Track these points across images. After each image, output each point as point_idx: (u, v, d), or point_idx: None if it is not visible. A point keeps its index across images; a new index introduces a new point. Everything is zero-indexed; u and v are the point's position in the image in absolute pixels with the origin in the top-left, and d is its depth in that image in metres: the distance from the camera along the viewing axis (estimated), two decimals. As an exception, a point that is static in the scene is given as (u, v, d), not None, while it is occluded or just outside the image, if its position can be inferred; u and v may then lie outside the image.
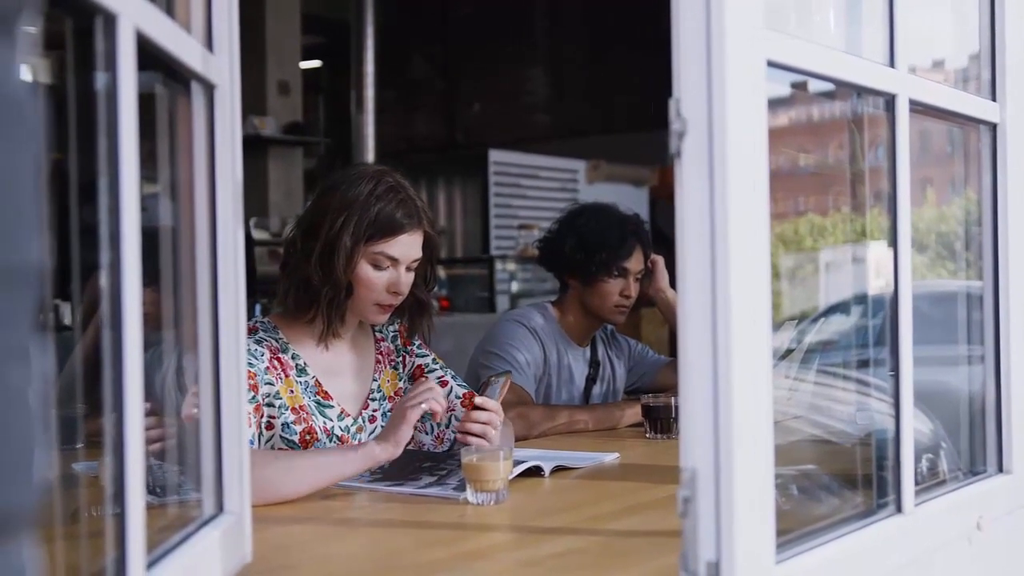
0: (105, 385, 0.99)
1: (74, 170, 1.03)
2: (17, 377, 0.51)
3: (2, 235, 0.51)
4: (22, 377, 0.52)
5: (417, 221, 2.20)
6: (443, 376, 2.37)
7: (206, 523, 1.32)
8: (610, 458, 2.32)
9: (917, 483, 1.53)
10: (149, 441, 1.13)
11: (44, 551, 0.75)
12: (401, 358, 2.38)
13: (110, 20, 0.98)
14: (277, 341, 2.18)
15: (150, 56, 1.10)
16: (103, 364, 1.01)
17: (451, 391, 2.32)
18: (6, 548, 0.51)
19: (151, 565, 1.08)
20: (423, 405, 1.98)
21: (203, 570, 1.24)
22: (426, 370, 2.38)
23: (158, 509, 1.37)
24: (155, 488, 1.37)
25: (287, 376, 2.16)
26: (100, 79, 1.00)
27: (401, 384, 2.36)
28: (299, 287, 2.18)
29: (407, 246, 2.19)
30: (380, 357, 2.35)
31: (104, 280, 0.99)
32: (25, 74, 0.55)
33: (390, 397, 2.33)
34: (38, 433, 0.53)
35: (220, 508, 1.36)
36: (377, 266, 2.17)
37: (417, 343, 2.41)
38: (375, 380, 2.32)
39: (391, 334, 2.39)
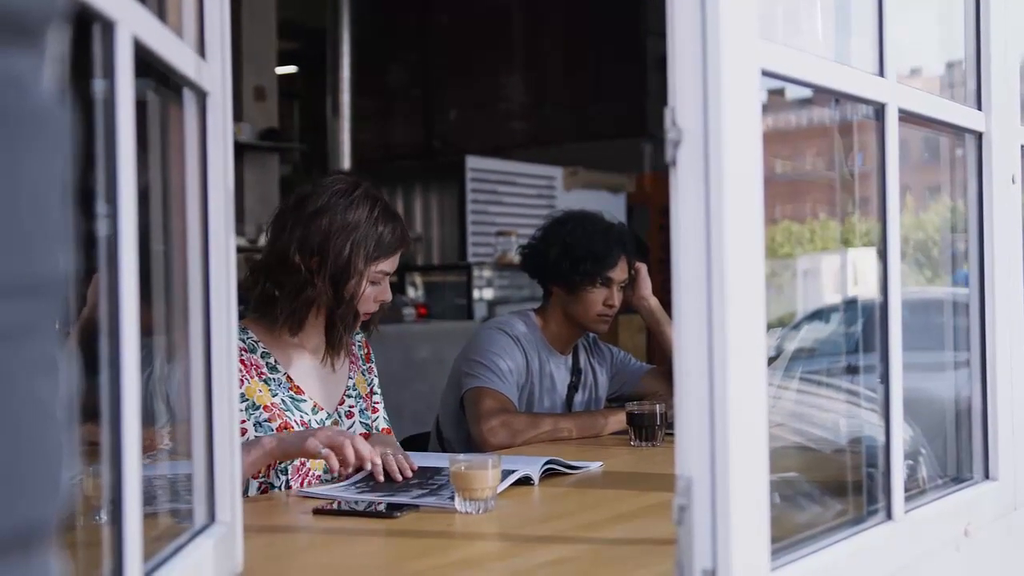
0: (102, 394, 0.98)
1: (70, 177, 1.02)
2: (44, 389, 0.51)
3: (30, 246, 0.51)
4: (49, 389, 0.52)
5: (408, 238, 2.33)
6: (378, 403, 2.47)
7: (198, 533, 1.31)
8: (595, 466, 2.32)
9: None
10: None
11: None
12: (368, 367, 2.49)
13: (108, 27, 0.97)
14: (244, 341, 2.21)
15: (144, 63, 1.09)
16: (86, 371, 1.00)
17: (352, 425, 2.38)
18: (36, 559, 0.51)
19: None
20: (323, 451, 1.97)
21: (196, 581, 1.23)
22: (371, 390, 2.48)
23: (147, 519, 1.36)
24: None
25: (252, 377, 2.21)
26: (97, 86, 0.99)
27: (368, 389, 2.46)
28: (306, 307, 2.24)
29: (397, 260, 2.32)
30: (353, 358, 2.44)
31: (102, 286, 0.99)
32: (52, 84, 0.55)
33: (364, 396, 2.43)
34: (64, 446, 0.53)
35: (212, 518, 1.35)
36: (374, 282, 2.27)
37: (371, 363, 2.51)
38: (350, 378, 2.41)
39: (358, 341, 2.49)
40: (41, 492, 0.51)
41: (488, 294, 7.43)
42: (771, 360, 2.00)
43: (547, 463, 2.18)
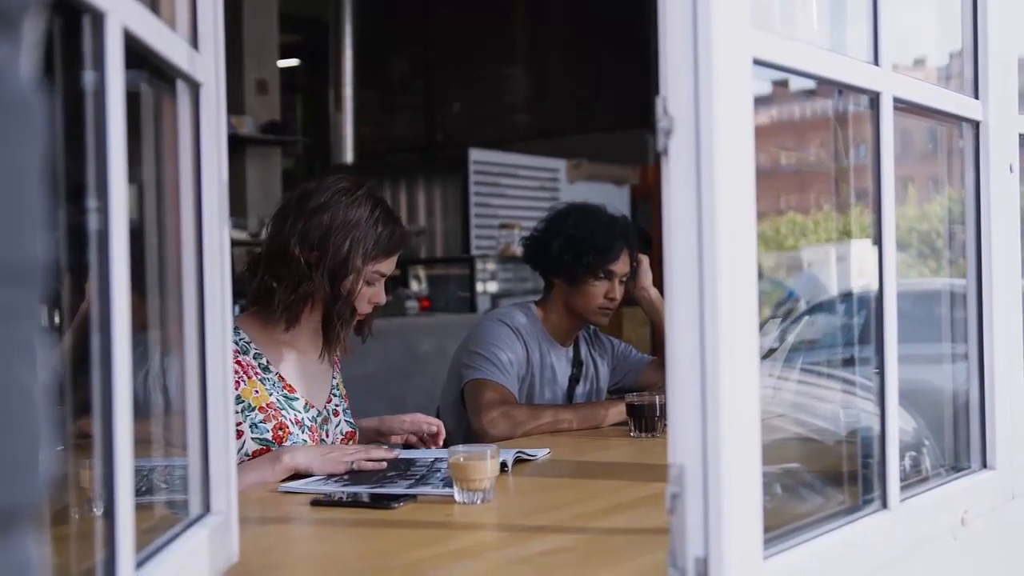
0: (94, 386, 0.98)
1: (60, 170, 1.02)
2: (23, 373, 0.52)
3: (9, 233, 0.51)
4: (28, 373, 0.52)
5: (406, 241, 2.33)
6: (345, 406, 2.48)
7: (193, 523, 1.31)
8: (542, 454, 2.34)
9: (901, 480, 1.54)
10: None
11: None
12: (341, 368, 2.52)
13: (98, 18, 0.97)
14: (236, 343, 2.22)
15: (135, 54, 1.09)
16: (84, 365, 1.00)
17: (339, 423, 2.40)
18: (13, 544, 0.51)
19: (139, 565, 1.07)
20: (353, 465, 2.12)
21: (191, 570, 1.24)
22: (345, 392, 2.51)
23: (141, 509, 1.36)
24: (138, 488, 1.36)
25: (250, 377, 2.21)
26: (87, 77, 0.99)
27: (345, 390, 2.49)
28: (303, 301, 2.25)
29: (394, 262, 2.33)
30: (336, 360, 2.46)
31: (92, 281, 0.99)
32: (30, 73, 0.55)
33: (344, 397, 2.46)
34: (44, 429, 0.53)
35: (207, 508, 1.35)
36: (370, 283, 2.28)
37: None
38: (334, 378, 2.44)
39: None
40: (19, 475, 0.51)
41: (491, 287, 7.43)
42: (772, 351, 2.00)
43: (516, 459, 2.21)
